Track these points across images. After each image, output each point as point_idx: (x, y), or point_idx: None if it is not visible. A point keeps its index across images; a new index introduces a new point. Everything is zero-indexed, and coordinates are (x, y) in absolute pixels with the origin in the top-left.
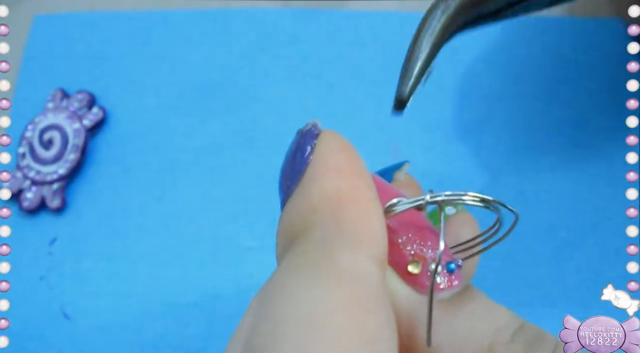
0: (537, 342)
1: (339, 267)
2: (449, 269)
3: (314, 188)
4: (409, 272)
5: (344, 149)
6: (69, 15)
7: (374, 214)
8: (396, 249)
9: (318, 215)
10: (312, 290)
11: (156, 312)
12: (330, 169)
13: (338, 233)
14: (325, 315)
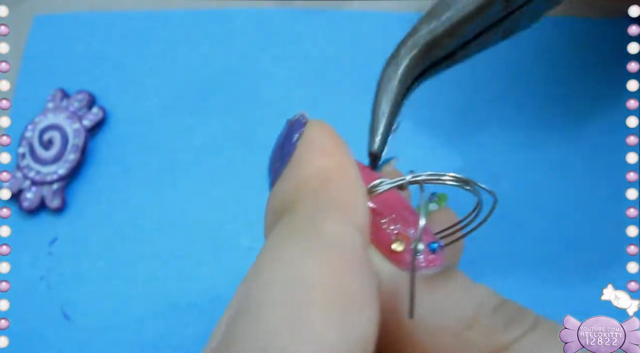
0: (517, 316)
1: (324, 232)
2: (431, 248)
3: (302, 167)
4: (392, 250)
5: (330, 135)
6: (69, 15)
7: (358, 189)
8: (380, 229)
9: (305, 190)
10: (299, 254)
11: (156, 312)
12: (316, 151)
13: (323, 204)
14: (312, 275)
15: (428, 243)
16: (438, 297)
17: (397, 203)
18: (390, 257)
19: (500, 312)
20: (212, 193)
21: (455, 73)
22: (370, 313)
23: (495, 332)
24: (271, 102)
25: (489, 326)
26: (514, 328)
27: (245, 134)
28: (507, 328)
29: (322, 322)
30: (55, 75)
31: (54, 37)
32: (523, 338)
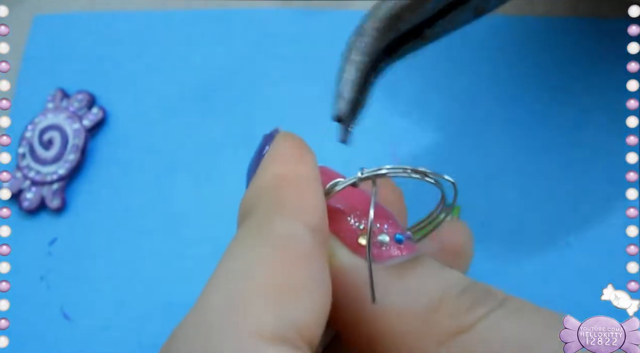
0: (484, 297)
1: (272, 231)
2: (397, 239)
3: (262, 174)
4: (359, 244)
5: (293, 144)
6: (69, 15)
7: (310, 190)
8: (346, 226)
9: (261, 195)
10: (245, 250)
11: (156, 312)
12: (277, 160)
13: (274, 206)
14: (254, 267)
15: (394, 234)
16: (406, 282)
17: (361, 201)
18: (357, 251)
19: (467, 293)
20: (212, 193)
21: (455, 73)
22: (309, 302)
23: (461, 313)
24: (271, 102)
25: (454, 308)
26: (479, 308)
27: (245, 134)
28: (472, 309)
29: (258, 308)
30: (55, 75)
31: (54, 37)
32: (486, 318)
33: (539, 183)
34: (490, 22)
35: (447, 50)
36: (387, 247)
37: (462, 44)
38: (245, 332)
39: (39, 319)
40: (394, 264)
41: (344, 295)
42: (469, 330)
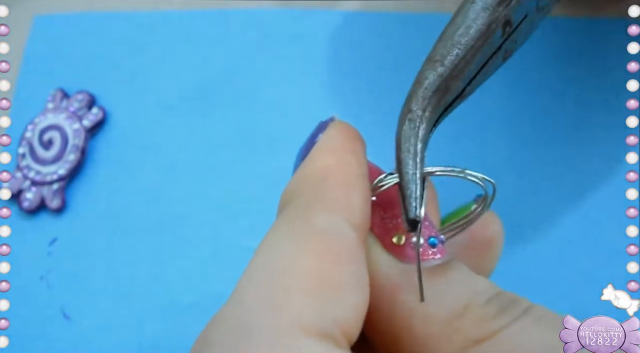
0: (510, 305)
1: (313, 224)
2: (430, 243)
3: (310, 163)
4: (392, 243)
5: (346, 134)
6: (69, 15)
7: (355, 186)
8: (382, 223)
9: (305, 185)
10: (285, 243)
11: (156, 312)
12: (327, 149)
13: (319, 198)
14: (294, 262)
15: (428, 237)
16: (434, 286)
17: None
18: (391, 250)
19: (494, 302)
20: (212, 193)
21: None
22: (351, 299)
23: (485, 321)
24: (271, 102)
25: (480, 315)
26: (504, 316)
27: (245, 133)
28: (497, 316)
29: (299, 302)
30: (55, 75)
31: (54, 37)
32: (511, 325)
33: (538, 183)
34: None
35: None
36: (420, 249)
37: None
38: (286, 326)
39: (39, 319)
40: (425, 267)
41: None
42: (492, 338)
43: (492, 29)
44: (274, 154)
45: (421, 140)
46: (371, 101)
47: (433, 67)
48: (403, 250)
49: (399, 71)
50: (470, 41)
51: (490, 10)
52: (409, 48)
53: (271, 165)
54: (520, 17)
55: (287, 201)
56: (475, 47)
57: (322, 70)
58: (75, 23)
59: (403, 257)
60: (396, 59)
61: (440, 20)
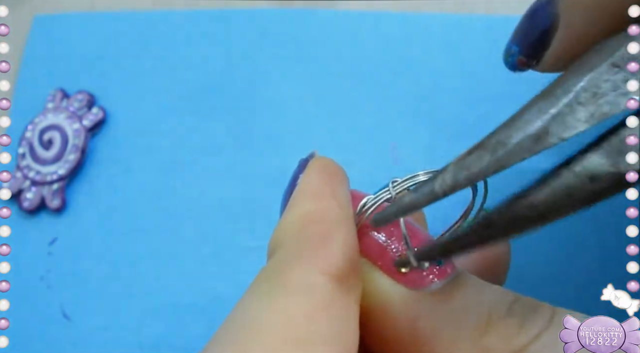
0: (532, 312)
1: (287, 280)
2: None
3: (290, 212)
4: (398, 272)
5: (325, 172)
6: (69, 15)
7: (335, 232)
8: (383, 252)
9: (286, 235)
10: (259, 299)
11: (156, 312)
12: (307, 194)
13: (296, 250)
14: (265, 319)
15: None
16: (451, 305)
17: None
18: (398, 279)
19: (514, 311)
20: (212, 193)
21: (455, 72)
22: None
23: (511, 335)
24: (271, 102)
25: (504, 329)
26: (530, 327)
27: (245, 133)
28: (523, 328)
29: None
30: (55, 75)
31: (54, 37)
32: (539, 339)
33: None
34: (490, 21)
35: (446, 50)
36: (427, 271)
37: (461, 44)
38: None
39: (39, 319)
40: (438, 288)
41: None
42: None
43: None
44: (273, 154)
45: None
46: (371, 101)
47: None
48: (411, 277)
49: (399, 71)
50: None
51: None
52: (409, 48)
53: (271, 165)
54: None
55: (272, 251)
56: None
57: (322, 70)
58: (75, 23)
59: (413, 285)
60: (396, 59)
61: (440, 20)
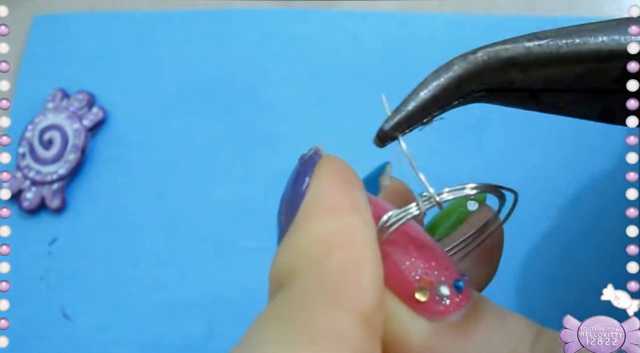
0: (556, 348)
1: (312, 325)
2: (457, 288)
3: (304, 231)
4: (416, 300)
5: (342, 179)
6: (69, 15)
7: (364, 260)
8: (401, 277)
9: (303, 262)
10: (279, 349)
11: (156, 312)
12: (322, 207)
13: (319, 286)
14: None
15: (453, 281)
16: (473, 341)
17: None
18: (416, 308)
19: (538, 347)
20: (212, 193)
21: None
22: None
23: None
24: (271, 102)
25: None
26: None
27: (245, 133)
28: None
29: None
30: (55, 75)
31: (54, 37)
32: None
33: (538, 183)
34: (489, 21)
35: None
36: (447, 300)
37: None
38: None
39: (39, 319)
40: (458, 319)
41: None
42: None
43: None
44: (274, 154)
45: (458, 80)
46: (371, 101)
47: (530, 39)
48: (430, 307)
49: (399, 71)
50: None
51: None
52: (410, 48)
53: (271, 165)
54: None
55: (282, 280)
56: (582, 56)
57: (322, 70)
58: (75, 23)
59: (432, 315)
60: (397, 59)
61: (440, 20)
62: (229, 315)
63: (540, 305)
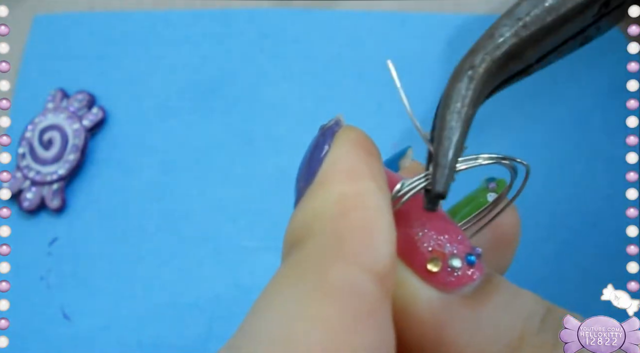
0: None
1: (328, 280)
2: (469, 262)
3: (320, 192)
4: (428, 271)
5: (360, 147)
6: (69, 15)
7: (379, 222)
8: (413, 247)
9: (319, 222)
10: (295, 305)
11: (156, 312)
12: (339, 172)
13: (335, 243)
14: (303, 333)
15: (466, 255)
16: (481, 314)
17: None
18: (427, 279)
19: (547, 325)
20: (212, 194)
21: None
22: None
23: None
24: (271, 102)
25: (537, 347)
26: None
27: (245, 134)
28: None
29: None
30: (55, 75)
31: (54, 37)
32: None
33: (538, 183)
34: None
35: (445, 49)
36: (459, 272)
37: (461, 44)
38: None
39: (39, 319)
40: (469, 292)
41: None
42: None
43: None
44: (273, 154)
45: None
46: (371, 101)
47: (513, 25)
48: (442, 278)
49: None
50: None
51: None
52: (409, 48)
53: (271, 165)
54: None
55: (296, 240)
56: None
57: (322, 70)
58: (75, 23)
59: (443, 286)
60: (396, 59)
61: (440, 20)
62: (229, 315)
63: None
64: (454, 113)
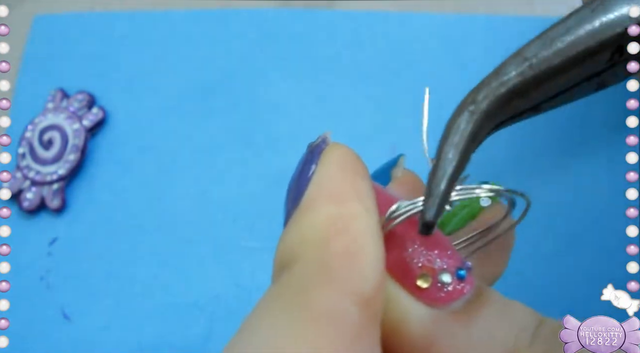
0: (557, 340)
1: (312, 307)
2: (459, 276)
3: (307, 216)
4: (418, 287)
5: (346, 167)
6: (69, 15)
7: (364, 246)
8: (403, 264)
9: (305, 247)
10: (279, 331)
11: (156, 312)
12: (325, 194)
13: (320, 269)
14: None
15: (456, 269)
16: (472, 329)
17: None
18: (417, 295)
19: (539, 337)
20: (212, 193)
21: (455, 72)
22: None
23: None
24: (271, 102)
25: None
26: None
27: (245, 134)
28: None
29: None
30: (55, 75)
31: (54, 37)
32: None
33: (538, 183)
34: (490, 21)
35: (446, 50)
36: (449, 287)
37: (461, 44)
38: None
39: (39, 319)
40: (459, 307)
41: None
42: None
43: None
44: (273, 154)
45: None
46: (371, 101)
47: (519, 64)
48: (432, 294)
49: (399, 71)
50: (572, 52)
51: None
52: (410, 48)
53: (271, 165)
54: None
55: (285, 263)
56: (575, 60)
57: (322, 70)
58: (75, 23)
59: (433, 302)
60: (397, 59)
61: (440, 20)
62: (229, 315)
63: (540, 305)
64: (451, 146)
